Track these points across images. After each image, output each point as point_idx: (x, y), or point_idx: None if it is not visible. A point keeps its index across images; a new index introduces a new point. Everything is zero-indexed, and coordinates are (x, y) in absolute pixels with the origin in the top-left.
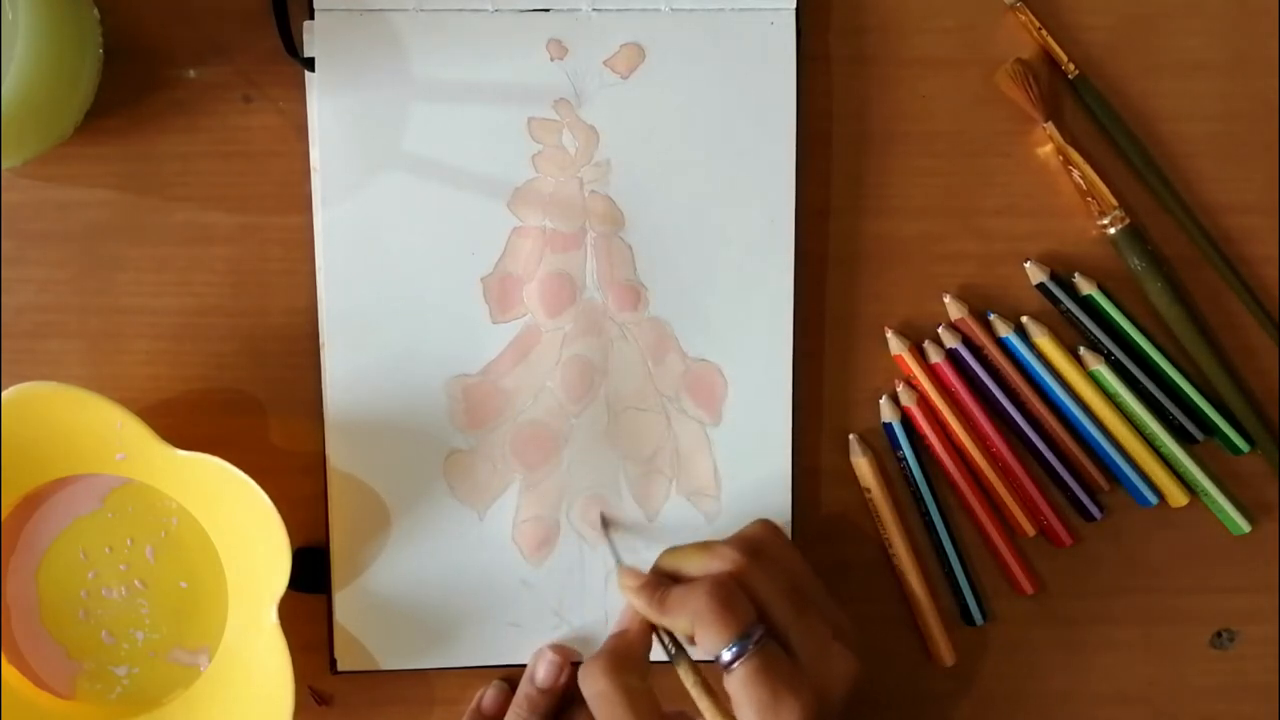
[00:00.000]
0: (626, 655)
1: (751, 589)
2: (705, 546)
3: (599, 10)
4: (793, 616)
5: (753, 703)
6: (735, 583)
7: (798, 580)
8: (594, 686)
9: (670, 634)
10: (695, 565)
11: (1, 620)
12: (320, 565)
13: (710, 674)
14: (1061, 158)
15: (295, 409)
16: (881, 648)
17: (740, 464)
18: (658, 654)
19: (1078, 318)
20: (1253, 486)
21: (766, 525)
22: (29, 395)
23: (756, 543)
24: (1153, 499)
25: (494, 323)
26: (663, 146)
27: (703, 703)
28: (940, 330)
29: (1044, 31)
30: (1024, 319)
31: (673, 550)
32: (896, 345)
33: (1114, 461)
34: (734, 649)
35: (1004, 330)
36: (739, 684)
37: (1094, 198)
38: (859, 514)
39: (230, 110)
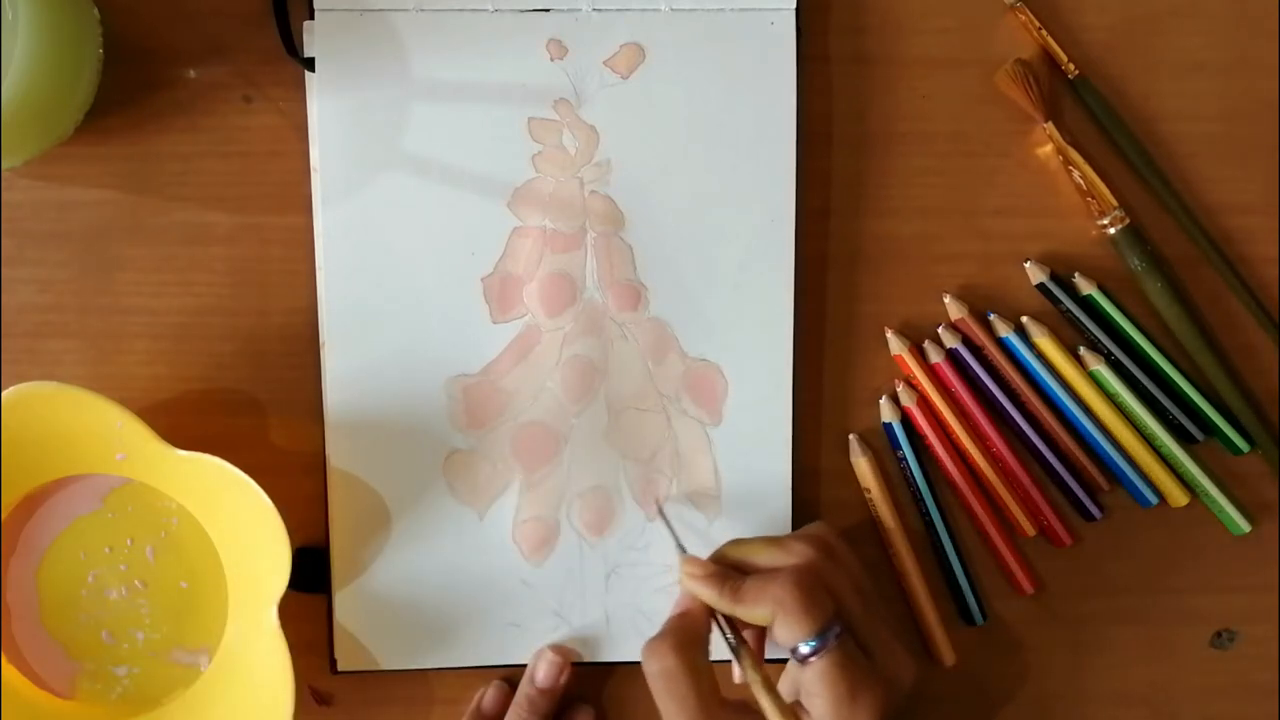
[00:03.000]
0: (692, 634)
1: (828, 584)
2: (776, 541)
3: (599, 10)
4: (864, 615)
5: (830, 696)
6: (815, 577)
7: (860, 581)
8: (660, 663)
9: (733, 627)
10: (767, 558)
11: (1, 620)
12: (320, 565)
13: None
14: (1061, 158)
15: (295, 409)
16: None
17: (740, 464)
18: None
19: (1078, 318)
20: (1253, 486)
21: (829, 526)
22: (29, 395)
23: (825, 541)
24: (1153, 499)
25: (494, 323)
26: (663, 146)
27: (764, 699)
28: (940, 330)
29: (1044, 31)
30: (1024, 319)
31: (739, 542)
32: (896, 345)
33: (1114, 461)
34: (814, 643)
35: (1004, 330)
36: (817, 676)
37: (1094, 198)
38: (859, 514)
39: (230, 110)
